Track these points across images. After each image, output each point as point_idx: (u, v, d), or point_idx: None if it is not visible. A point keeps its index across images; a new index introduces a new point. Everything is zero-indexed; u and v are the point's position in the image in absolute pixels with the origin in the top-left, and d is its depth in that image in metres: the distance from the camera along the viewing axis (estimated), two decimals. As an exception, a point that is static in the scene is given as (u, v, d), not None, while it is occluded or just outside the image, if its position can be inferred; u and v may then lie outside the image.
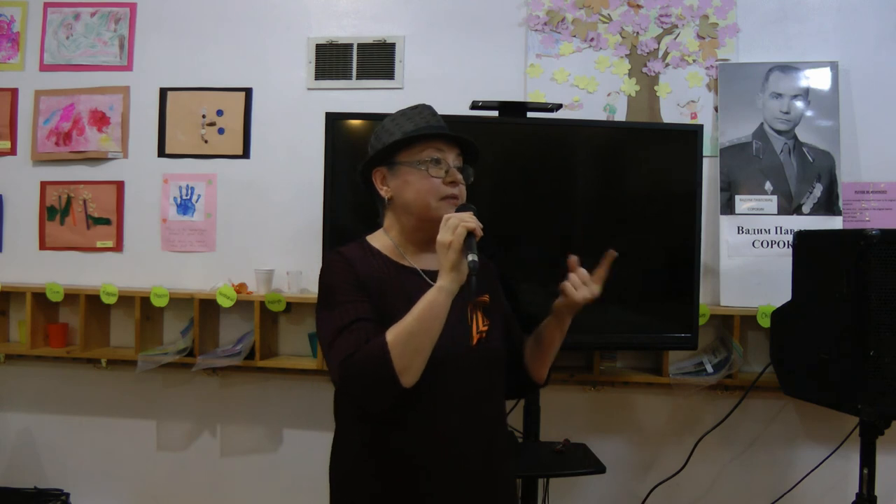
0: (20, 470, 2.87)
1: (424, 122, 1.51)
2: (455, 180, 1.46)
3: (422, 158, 1.46)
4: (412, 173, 1.47)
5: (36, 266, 2.85)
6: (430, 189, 1.45)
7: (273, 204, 2.76)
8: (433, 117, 1.53)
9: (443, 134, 1.48)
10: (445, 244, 1.33)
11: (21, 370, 2.88)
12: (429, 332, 1.32)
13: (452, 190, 1.45)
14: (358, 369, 1.31)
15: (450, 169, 1.46)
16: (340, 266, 1.46)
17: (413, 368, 1.31)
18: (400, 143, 1.48)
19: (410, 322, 1.31)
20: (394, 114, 1.56)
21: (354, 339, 1.34)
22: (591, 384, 2.61)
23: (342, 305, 1.40)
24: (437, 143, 1.47)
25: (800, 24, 2.61)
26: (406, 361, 1.29)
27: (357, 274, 1.44)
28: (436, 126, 1.51)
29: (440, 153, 1.47)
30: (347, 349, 1.33)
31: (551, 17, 2.68)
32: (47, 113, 2.86)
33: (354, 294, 1.41)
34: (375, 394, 1.33)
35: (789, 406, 2.58)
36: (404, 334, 1.30)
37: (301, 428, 2.76)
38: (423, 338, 1.31)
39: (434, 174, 1.45)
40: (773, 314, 2.30)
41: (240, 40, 2.80)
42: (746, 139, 2.58)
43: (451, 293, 1.34)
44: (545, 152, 2.33)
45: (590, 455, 2.32)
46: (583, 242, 2.36)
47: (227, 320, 2.79)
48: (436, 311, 1.32)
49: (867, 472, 1.98)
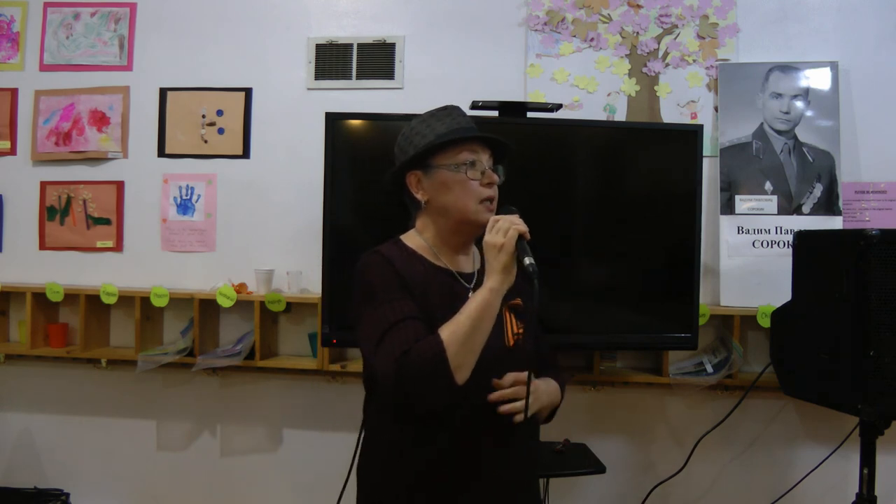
0: (20, 470, 2.87)
1: (456, 123, 1.49)
2: (492, 181, 1.46)
3: (458, 161, 1.45)
4: (450, 176, 1.46)
5: (36, 266, 2.85)
6: (469, 192, 1.45)
7: (273, 204, 2.76)
8: (463, 118, 1.52)
9: (479, 136, 1.48)
10: (497, 246, 1.34)
11: (21, 370, 2.88)
12: (481, 331, 1.32)
13: (490, 192, 1.46)
14: (415, 368, 1.29)
15: (486, 170, 1.46)
16: (382, 265, 1.44)
17: (466, 367, 1.31)
18: (436, 146, 1.47)
19: (464, 321, 1.31)
20: (422, 115, 1.54)
21: (405, 337, 1.32)
22: (591, 384, 2.61)
23: (388, 303, 1.38)
24: (472, 144, 1.47)
25: (800, 24, 2.61)
26: (460, 360, 1.30)
27: (398, 273, 1.43)
28: (470, 128, 1.49)
29: (475, 155, 1.46)
30: (402, 346, 1.31)
31: (551, 17, 2.68)
32: (47, 113, 2.86)
33: (399, 292, 1.40)
34: (432, 392, 1.32)
35: (789, 406, 2.58)
36: (460, 333, 1.30)
37: (301, 428, 2.76)
38: (476, 337, 1.32)
39: (472, 177, 1.45)
40: (773, 314, 2.30)
41: (240, 40, 2.80)
42: (746, 139, 2.58)
43: (501, 294, 1.34)
44: (545, 152, 2.33)
45: (590, 455, 2.32)
46: (583, 242, 2.37)
47: (227, 320, 2.79)
48: (489, 311, 1.33)
49: (867, 472, 1.98)
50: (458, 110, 1.54)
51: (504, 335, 1.46)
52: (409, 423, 1.42)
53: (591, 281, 2.35)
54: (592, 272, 2.35)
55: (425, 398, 1.34)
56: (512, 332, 1.47)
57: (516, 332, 1.48)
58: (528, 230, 1.38)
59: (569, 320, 2.30)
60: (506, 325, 1.47)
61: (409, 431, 1.42)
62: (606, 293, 2.35)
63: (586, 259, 2.36)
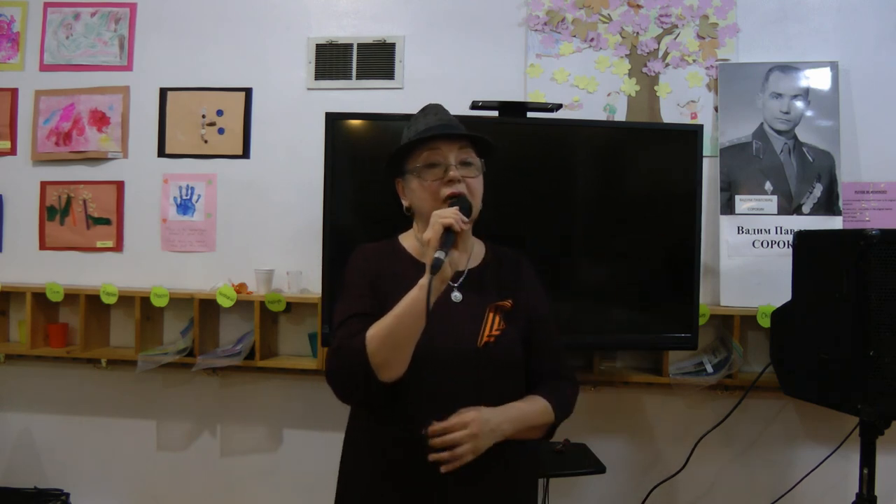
0: (20, 470, 2.87)
1: (425, 124, 1.49)
2: (451, 179, 1.44)
3: (419, 164, 1.46)
4: (413, 181, 1.48)
5: (36, 266, 2.85)
6: (429, 195, 1.45)
7: (273, 204, 2.76)
8: (436, 116, 1.51)
9: (435, 135, 1.46)
10: (425, 242, 1.35)
11: (21, 370, 2.88)
12: (407, 328, 1.32)
13: (451, 189, 1.44)
14: (339, 363, 1.36)
15: (448, 167, 1.45)
16: (357, 261, 1.50)
17: (393, 364, 1.33)
18: (401, 153, 1.49)
19: (388, 319, 1.32)
20: (410, 119, 1.55)
21: (344, 333, 1.38)
22: (591, 384, 2.61)
23: (348, 299, 1.44)
24: (433, 144, 1.46)
25: (800, 24, 2.61)
26: (383, 357, 1.31)
27: (371, 269, 1.46)
28: (437, 127, 1.48)
29: (437, 153, 1.46)
30: (338, 342, 1.38)
31: (551, 17, 2.68)
32: (47, 113, 2.86)
33: (360, 289, 1.44)
34: (353, 387, 1.36)
35: (789, 406, 2.58)
36: (382, 330, 1.32)
37: (301, 428, 2.76)
38: (401, 334, 1.32)
39: (430, 178, 1.45)
40: (773, 314, 2.30)
41: (240, 40, 2.80)
42: (746, 139, 2.58)
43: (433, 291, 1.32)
44: (545, 152, 2.33)
45: (590, 455, 2.33)
46: (583, 242, 2.37)
47: (227, 320, 2.79)
48: (415, 309, 1.31)
49: (867, 472, 1.98)
50: (434, 108, 1.54)
51: (480, 336, 1.44)
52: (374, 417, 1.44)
53: (591, 281, 2.35)
54: (592, 272, 2.35)
55: (349, 393, 1.39)
56: (487, 333, 1.44)
57: (490, 334, 1.44)
58: (460, 220, 1.34)
59: (569, 320, 2.30)
60: (484, 325, 1.45)
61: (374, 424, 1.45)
62: (606, 293, 2.35)
63: (586, 259, 2.36)
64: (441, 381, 1.39)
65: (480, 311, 1.47)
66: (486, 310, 1.47)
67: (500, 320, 1.47)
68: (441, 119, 1.51)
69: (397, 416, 1.39)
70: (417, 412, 1.36)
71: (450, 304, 1.47)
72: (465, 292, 1.50)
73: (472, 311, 1.47)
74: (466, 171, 1.47)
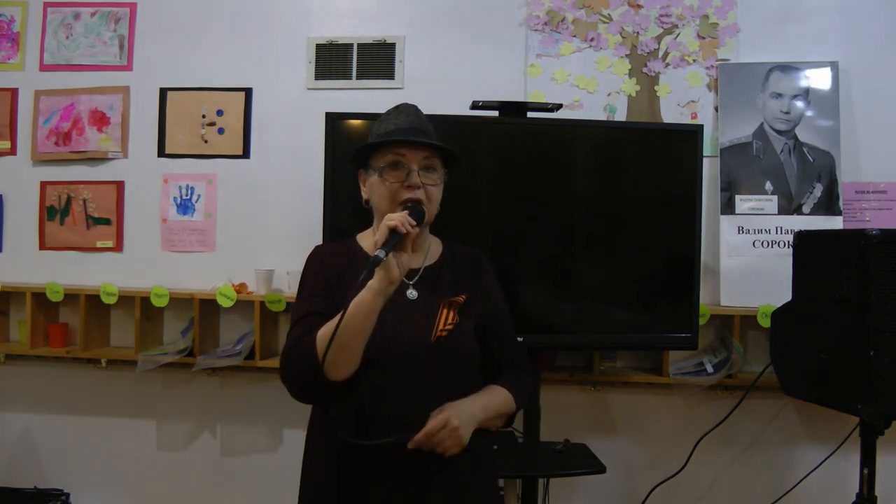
0: (20, 470, 2.86)
1: (394, 125, 1.50)
2: (412, 184, 1.46)
3: (379, 164, 1.48)
4: (374, 178, 1.50)
5: (36, 266, 2.85)
6: (387, 194, 1.47)
7: (273, 204, 2.76)
8: (407, 118, 1.52)
9: (400, 140, 1.47)
10: (375, 244, 1.37)
11: (21, 370, 2.87)
12: (355, 329, 1.34)
13: (409, 194, 1.45)
14: (289, 362, 1.40)
15: (410, 172, 1.46)
16: (312, 260, 1.56)
17: (341, 364, 1.35)
18: (368, 148, 1.50)
19: (336, 319, 1.34)
20: (382, 113, 1.56)
21: (298, 333, 1.42)
22: (591, 384, 2.61)
23: (303, 300, 1.48)
24: (399, 147, 1.47)
25: (800, 24, 2.61)
26: (331, 357, 1.32)
27: (325, 269, 1.50)
28: (406, 130, 1.49)
29: (401, 157, 1.47)
30: (290, 342, 1.42)
31: (551, 17, 2.68)
32: (47, 113, 2.86)
33: (314, 289, 1.48)
34: (300, 385, 1.40)
35: (789, 406, 2.58)
36: (330, 332, 1.33)
37: (301, 428, 2.70)
38: (349, 334, 1.33)
39: (391, 179, 1.47)
40: (773, 314, 2.30)
41: (240, 40, 2.79)
42: (746, 139, 2.58)
43: (380, 292, 1.34)
44: (545, 152, 2.33)
45: (590, 455, 2.32)
46: (583, 242, 2.37)
47: (227, 320, 2.79)
48: (362, 310, 1.34)
49: (867, 473, 1.98)
50: (409, 109, 1.55)
51: (433, 331, 1.46)
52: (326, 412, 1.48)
53: (591, 281, 2.35)
54: (592, 272, 2.35)
55: (300, 391, 1.43)
56: (439, 328, 1.46)
57: (444, 328, 1.46)
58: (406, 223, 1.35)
59: (569, 320, 2.30)
60: (437, 320, 1.47)
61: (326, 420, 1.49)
62: (607, 293, 2.35)
63: (586, 259, 2.36)
64: (395, 377, 1.42)
65: (435, 307, 1.49)
66: (439, 305, 1.49)
67: (454, 314, 1.49)
68: (412, 122, 1.51)
69: (352, 413, 1.42)
70: (373, 409, 1.41)
71: (405, 302, 1.50)
72: (421, 290, 1.52)
73: (427, 307, 1.49)
74: (428, 177, 1.48)
